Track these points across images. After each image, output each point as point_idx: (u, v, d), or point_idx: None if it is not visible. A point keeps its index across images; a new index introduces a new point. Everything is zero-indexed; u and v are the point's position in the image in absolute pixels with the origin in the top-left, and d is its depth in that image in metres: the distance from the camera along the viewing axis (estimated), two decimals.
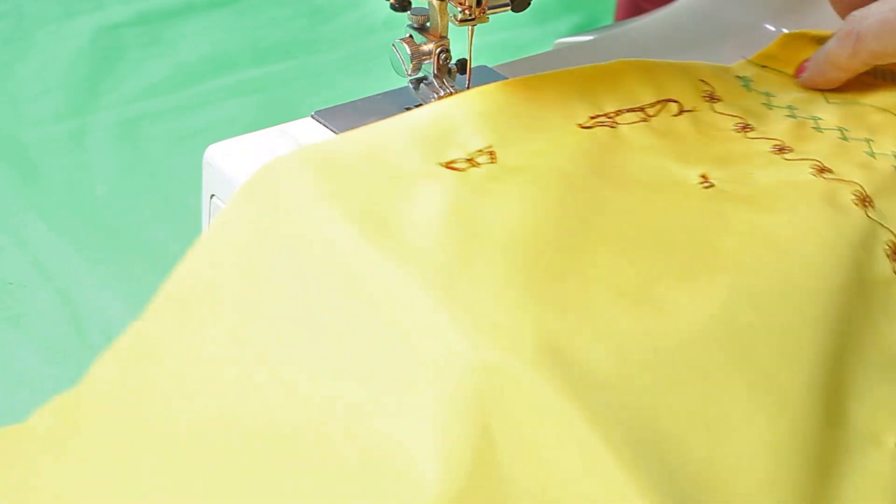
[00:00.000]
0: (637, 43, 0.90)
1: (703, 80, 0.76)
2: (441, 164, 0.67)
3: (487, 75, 0.84)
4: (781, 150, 0.72)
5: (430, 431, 0.58)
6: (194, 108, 1.06)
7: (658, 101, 0.73)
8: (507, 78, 0.84)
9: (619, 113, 0.71)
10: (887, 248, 0.68)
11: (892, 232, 0.69)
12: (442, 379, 0.58)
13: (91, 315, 0.84)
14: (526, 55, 0.91)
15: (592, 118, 0.71)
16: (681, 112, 0.73)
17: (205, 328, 0.66)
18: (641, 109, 0.72)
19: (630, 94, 0.73)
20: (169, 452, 0.64)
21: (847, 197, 0.68)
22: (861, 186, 0.69)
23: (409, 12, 0.79)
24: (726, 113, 0.74)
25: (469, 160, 0.68)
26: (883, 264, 0.68)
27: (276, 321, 0.64)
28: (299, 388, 0.62)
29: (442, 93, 0.79)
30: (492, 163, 0.68)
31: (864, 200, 0.68)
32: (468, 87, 0.80)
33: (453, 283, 0.60)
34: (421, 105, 0.80)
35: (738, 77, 0.78)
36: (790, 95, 0.79)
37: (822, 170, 0.69)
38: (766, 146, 0.73)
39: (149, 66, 1.10)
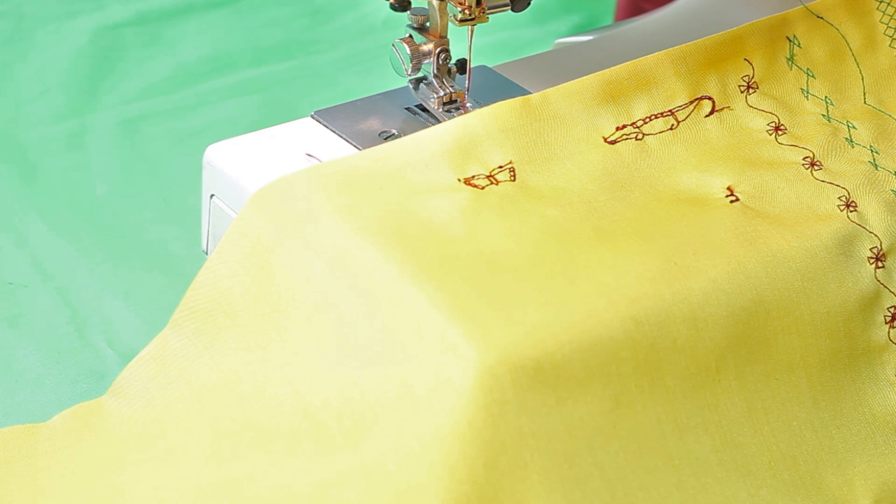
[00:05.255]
0: (637, 43, 0.90)
1: (746, 59, 0.76)
2: (461, 181, 0.67)
3: (487, 75, 0.84)
4: (812, 164, 0.71)
5: (434, 446, 0.58)
6: (194, 108, 1.06)
7: (690, 101, 0.73)
8: (506, 78, 0.84)
9: (647, 121, 0.71)
10: (888, 314, 0.68)
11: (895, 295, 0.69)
12: (448, 399, 0.58)
13: (91, 315, 0.84)
14: (526, 55, 0.91)
15: (619, 129, 0.70)
16: (712, 111, 0.73)
17: (222, 338, 0.66)
18: (671, 113, 0.72)
19: (662, 94, 0.72)
20: (186, 459, 0.65)
21: (864, 251, 0.68)
22: (880, 241, 0.68)
23: (409, 12, 0.79)
24: (760, 108, 0.73)
25: (489, 176, 0.67)
26: (880, 330, 0.68)
27: (289, 333, 0.65)
28: (310, 398, 0.63)
29: (442, 93, 0.79)
30: (511, 180, 0.67)
31: (879, 257, 0.68)
32: (468, 87, 0.80)
33: (464, 305, 0.60)
34: (421, 105, 0.80)
35: (787, 39, 0.77)
36: (830, 78, 0.77)
37: (849, 204, 0.69)
38: (797, 156, 0.72)
39: (149, 66, 1.10)
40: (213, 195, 0.78)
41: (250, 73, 1.11)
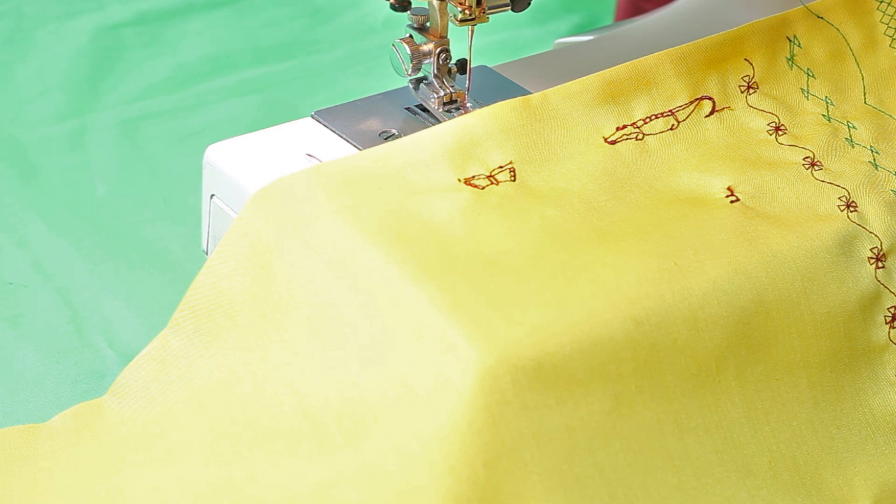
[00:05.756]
0: (637, 43, 0.90)
1: (746, 59, 0.76)
2: (461, 181, 0.67)
3: (487, 75, 0.84)
4: (812, 164, 0.71)
5: (434, 447, 0.58)
6: (194, 108, 1.06)
7: (691, 101, 0.72)
8: (506, 78, 0.84)
9: (647, 121, 0.70)
10: (888, 314, 0.68)
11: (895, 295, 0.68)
12: (448, 399, 0.58)
13: (91, 315, 0.84)
14: (526, 55, 0.91)
15: (619, 129, 0.70)
16: (713, 111, 0.73)
17: (222, 338, 0.66)
18: (672, 113, 0.72)
19: (663, 94, 0.72)
20: (186, 459, 0.65)
21: (864, 251, 0.68)
22: (880, 241, 0.68)
23: (409, 12, 0.79)
24: (760, 108, 0.73)
25: (489, 177, 0.67)
26: (880, 330, 0.68)
27: (289, 333, 0.65)
28: (310, 398, 0.63)
29: (442, 93, 0.79)
30: (511, 180, 0.67)
31: (879, 258, 0.68)
32: (468, 87, 0.80)
33: (464, 305, 0.60)
34: (421, 105, 0.80)
35: (787, 39, 0.77)
36: (830, 78, 0.77)
37: (849, 204, 0.69)
38: (797, 156, 0.72)
39: (149, 66, 1.10)
40: (213, 195, 0.78)
41: (250, 73, 1.11)
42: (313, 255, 0.64)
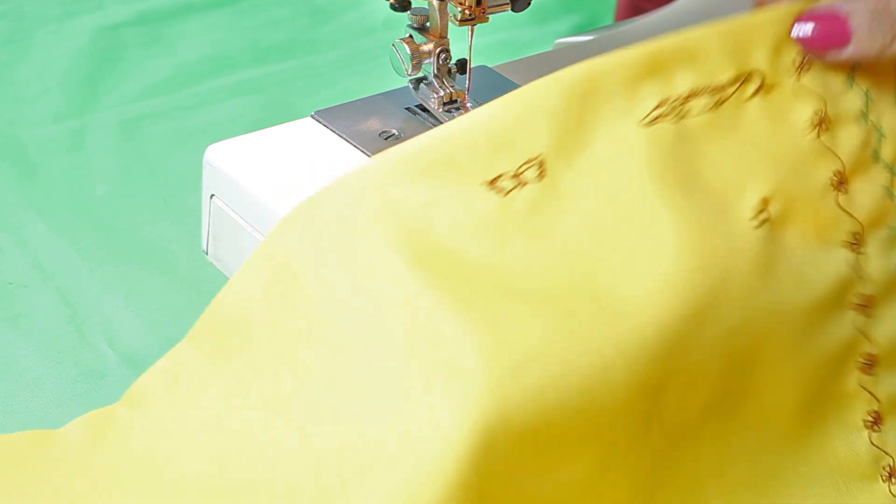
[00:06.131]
0: (637, 43, 0.89)
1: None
2: (485, 183, 0.64)
3: (487, 75, 0.84)
4: (840, 182, 0.68)
5: (439, 485, 0.57)
6: (194, 108, 1.06)
7: (737, 78, 0.69)
8: (506, 78, 0.84)
9: (688, 98, 0.67)
10: (861, 360, 0.67)
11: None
12: (441, 452, 0.57)
13: (91, 315, 0.84)
14: (526, 55, 0.91)
15: (658, 106, 0.67)
16: (758, 91, 0.69)
17: (233, 361, 0.66)
18: (716, 91, 0.67)
19: (708, 68, 0.68)
20: (187, 481, 0.64)
21: (852, 297, 0.65)
22: (870, 286, 0.66)
23: (409, 12, 0.79)
24: (810, 87, 0.68)
25: (516, 176, 0.64)
26: (852, 377, 0.66)
27: (302, 367, 0.64)
28: (314, 440, 0.62)
29: (442, 93, 0.79)
30: (541, 177, 0.64)
31: (865, 305, 0.66)
32: (468, 87, 0.80)
33: (483, 321, 0.59)
34: (421, 105, 0.80)
35: None
36: (871, 71, 0.71)
37: (859, 241, 0.66)
38: (829, 167, 0.68)
39: (149, 66, 1.10)
40: (213, 195, 0.78)
41: (250, 73, 1.11)
42: (330, 290, 0.63)
